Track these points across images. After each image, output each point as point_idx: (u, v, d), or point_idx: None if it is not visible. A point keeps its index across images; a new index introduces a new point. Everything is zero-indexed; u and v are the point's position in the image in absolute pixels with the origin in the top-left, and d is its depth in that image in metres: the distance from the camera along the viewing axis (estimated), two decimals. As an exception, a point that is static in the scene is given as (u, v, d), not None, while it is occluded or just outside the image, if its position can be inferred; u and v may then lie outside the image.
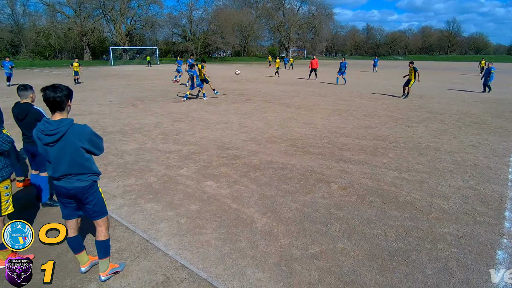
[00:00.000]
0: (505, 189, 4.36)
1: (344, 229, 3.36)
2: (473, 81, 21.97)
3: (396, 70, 33.76)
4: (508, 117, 9.49)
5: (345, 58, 24.06)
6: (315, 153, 5.84)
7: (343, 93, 14.90)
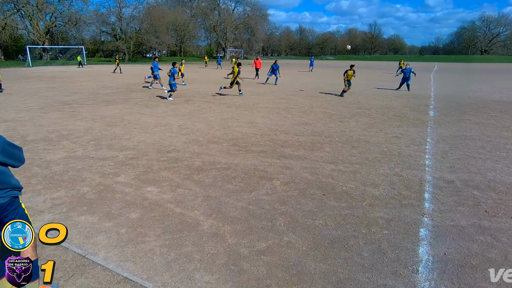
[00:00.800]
0: (423, 173, 4.93)
1: (288, 223, 3.49)
2: (394, 79, 24.41)
3: (328, 70, 35.99)
4: (423, 110, 10.74)
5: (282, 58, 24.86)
6: (257, 151, 5.95)
7: (280, 92, 15.41)
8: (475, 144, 6.60)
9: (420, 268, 2.77)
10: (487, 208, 3.84)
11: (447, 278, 2.65)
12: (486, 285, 2.57)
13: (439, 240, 3.18)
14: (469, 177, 4.78)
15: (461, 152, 6.00)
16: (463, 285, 2.57)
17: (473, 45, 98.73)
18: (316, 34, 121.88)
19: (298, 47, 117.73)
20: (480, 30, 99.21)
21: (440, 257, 2.92)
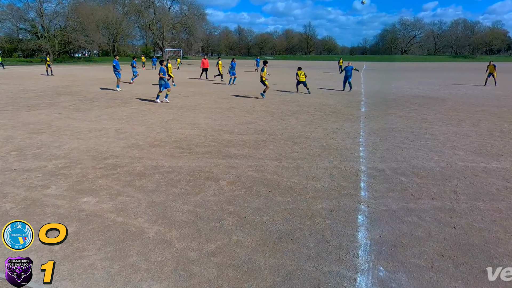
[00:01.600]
0: (359, 164, 5.33)
1: (236, 222, 3.50)
2: (329, 77, 25.94)
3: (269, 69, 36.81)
4: (355, 106, 11.59)
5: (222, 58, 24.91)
6: (201, 153, 5.87)
7: (223, 92, 15.37)
8: (400, 135, 7.31)
9: (360, 252, 2.99)
10: (413, 192, 4.28)
11: (383, 258, 2.90)
12: (416, 261, 2.86)
13: (375, 225, 3.47)
14: (397, 165, 5.29)
15: (389, 143, 6.61)
16: (396, 262, 2.84)
17: (395, 46, 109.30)
18: (254, 34, 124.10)
19: (238, 47, 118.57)
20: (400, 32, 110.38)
21: (376, 240, 3.18)
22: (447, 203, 3.97)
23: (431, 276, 2.67)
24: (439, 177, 4.80)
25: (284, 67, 44.04)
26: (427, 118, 9.36)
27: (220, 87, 17.54)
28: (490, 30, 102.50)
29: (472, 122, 8.81)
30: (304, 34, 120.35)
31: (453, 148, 6.27)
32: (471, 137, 7.14)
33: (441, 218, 3.61)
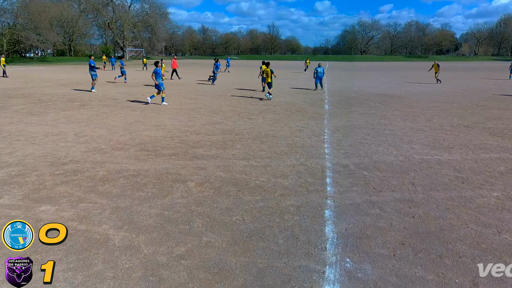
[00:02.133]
0: (324, 161, 5.48)
1: (206, 223, 3.47)
2: (294, 76, 26.42)
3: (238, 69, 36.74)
4: (320, 104, 11.92)
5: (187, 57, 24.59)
6: (168, 154, 5.73)
7: (188, 92, 15.12)
8: (362, 131, 7.63)
9: (327, 246, 3.08)
10: (375, 185, 4.49)
11: (349, 250, 3.01)
12: (379, 251, 3.01)
13: (341, 218, 3.59)
14: (359, 161, 5.51)
15: (352, 140, 6.87)
16: (361, 253, 2.96)
17: (355, 46, 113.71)
18: (219, 34, 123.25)
19: (202, 47, 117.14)
20: (359, 33, 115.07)
21: (342, 233, 3.30)
22: (406, 194, 4.21)
23: (394, 264, 2.82)
24: (398, 170, 5.08)
25: (249, 66, 44.21)
26: (386, 114, 9.85)
27: (184, 87, 17.22)
28: (440, 31, 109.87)
29: (426, 117, 9.40)
30: (268, 34, 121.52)
31: (410, 143, 6.65)
32: (426, 132, 7.61)
33: (401, 208, 3.82)
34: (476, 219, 3.58)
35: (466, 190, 4.33)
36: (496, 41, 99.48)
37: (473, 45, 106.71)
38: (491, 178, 4.76)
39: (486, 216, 3.64)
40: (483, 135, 7.35)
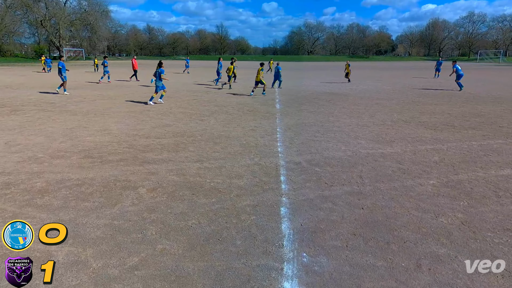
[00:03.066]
0: (278, 159, 5.59)
1: (160, 230, 3.34)
2: (246, 77, 26.57)
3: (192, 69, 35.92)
4: (271, 104, 12.14)
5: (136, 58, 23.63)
6: (115, 161, 5.42)
7: (136, 94, 14.46)
8: (312, 129, 7.93)
9: (284, 242, 3.14)
10: (326, 180, 4.69)
11: (305, 245, 3.11)
12: (333, 243, 3.14)
13: (296, 214, 3.69)
14: (311, 157, 5.71)
15: (303, 137, 7.11)
16: (317, 247, 3.07)
17: (302, 46, 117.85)
18: (166, 34, 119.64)
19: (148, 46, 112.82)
20: (305, 34, 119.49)
21: (298, 229, 3.39)
22: (355, 187, 4.46)
23: (347, 254, 2.97)
24: (347, 164, 5.36)
25: (198, 67, 43.59)
26: (333, 112, 10.34)
27: (132, 89, 16.43)
28: (378, 34, 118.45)
29: (370, 114, 10.05)
30: (217, 35, 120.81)
31: (356, 138, 7.06)
32: (370, 127, 8.14)
33: (351, 201, 4.04)
34: (416, 206, 3.91)
35: (407, 180, 4.71)
36: (426, 42, 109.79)
37: (407, 46, 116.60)
38: (428, 167, 5.23)
39: (425, 202, 4.00)
40: (419, 128, 8.05)
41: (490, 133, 7.53)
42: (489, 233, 3.30)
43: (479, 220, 3.57)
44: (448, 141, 6.86)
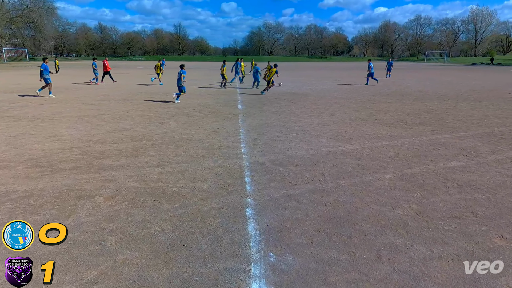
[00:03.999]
0: (241, 161, 5.61)
1: (120, 239, 3.21)
2: (207, 77, 26.31)
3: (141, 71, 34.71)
4: (233, 105, 12.14)
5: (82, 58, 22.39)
6: (68, 169, 5.11)
7: (88, 97, 13.73)
8: (274, 129, 8.05)
9: (251, 244, 3.17)
10: (290, 179, 4.79)
11: (272, 245, 3.15)
12: (299, 241, 3.22)
13: (262, 215, 3.73)
14: (275, 157, 5.80)
15: (267, 138, 7.20)
16: (283, 246, 3.13)
17: (262, 47, 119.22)
18: (120, 33, 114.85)
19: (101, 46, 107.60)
20: (265, 35, 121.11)
21: (264, 229, 3.43)
22: (318, 185, 4.60)
23: (312, 250, 3.06)
24: (309, 163, 5.52)
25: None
26: (295, 112, 10.59)
27: (83, 91, 15.57)
28: (335, 35, 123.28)
29: (329, 113, 10.43)
30: (175, 34, 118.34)
31: (318, 137, 7.29)
32: (330, 126, 8.45)
33: (315, 198, 4.16)
34: (375, 200, 4.13)
35: (366, 175, 4.96)
36: (379, 43, 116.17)
37: (362, 47, 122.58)
38: (384, 162, 5.55)
39: (383, 196, 4.24)
40: (375, 126, 8.51)
41: (438, 128, 8.16)
42: (440, 222, 3.57)
43: (431, 210, 3.86)
44: (401, 137, 7.33)
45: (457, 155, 5.97)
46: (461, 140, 6.99)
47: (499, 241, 3.20)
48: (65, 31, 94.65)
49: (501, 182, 4.70)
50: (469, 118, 9.48)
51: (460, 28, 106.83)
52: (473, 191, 4.39)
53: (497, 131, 7.83)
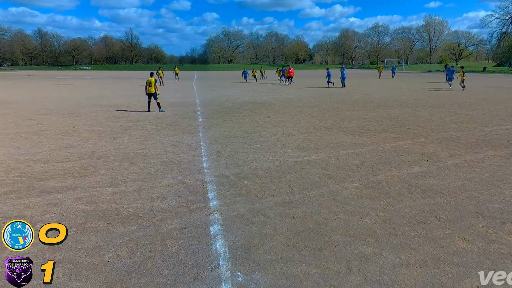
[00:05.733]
0: (203, 176, 5.55)
1: (69, 270, 3.00)
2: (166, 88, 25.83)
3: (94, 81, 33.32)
4: (192, 116, 12.02)
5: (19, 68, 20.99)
6: (3, 193, 4.73)
7: (26, 112, 12.88)
8: (238, 140, 8.08)
9: (217, 264, 3.11)
10: (256, 192, 4.81)
11: (239, 263, 3.13)
12: (268, 257, 3.22)
13: (228, 231, 3.69)
14: (239, 170, 5.81)
15: (230, 150, 7.19)
16: (251, 264, 3.12)
17: (222, 55, 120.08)
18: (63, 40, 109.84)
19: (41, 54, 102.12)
20: (225, 42, 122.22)
21: (231, 247, 3.40)
22: (285, 197, 4.66)
23: (282, 266, 3.07)
24: (275, 174, 5.58)
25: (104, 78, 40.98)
26: (258, 122, 10.71)
27: (19, 106, 14.59)
28: (296, 42, 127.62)
29: (294, 122, 10.68)
30: (127, 42, 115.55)
31: (283, 147, 7.42)
32: (295, 136, 8.65)
33: (282, 211, 4.21)
34: (343, 209, 4.26)
35: (333, 185, 5.12)
36: (340, 51, 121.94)
37: (323, 55, 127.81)
38: (350, 171, 5.77)
39: (350, 205, 4.39)
40: (339, 134, 8.84)
41: (400, 135, 8.67)
42: (406, 228, 3.77)
43: (397, 216, 4.06)
44: (366, 144, 7.68)
45: (419, 160, 6.37)
46: (422, 146, 7.48)
47: (462, 244, 3.43)
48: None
49: (460, 185, 5.08)
50: (428, 124, 10.19)
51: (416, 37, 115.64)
52: (436, 195, 4.69)
53: (454, 136, 8.49)
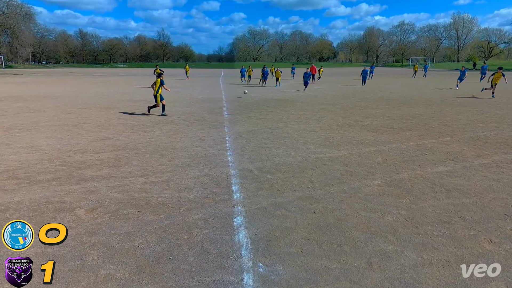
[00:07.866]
0: (228, 169, 5.58)
1: (103, 253, 3.12)
2: (191, 84, 26.24)
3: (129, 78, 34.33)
4: (218, 112, 12.12)
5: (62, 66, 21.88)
6: (46, 180, 4.96)
7: (67, 106, 13.46)
8: (262, 136, 8.06)
9: (239, 254, 3.13)
10: (278, 187, 4.79)
11: (261, 255, 3.13)
12: (288, 250, 3.20)
13: (250, 223, 3.70)
14: (262, 165, 5.80)
15: (254, 145, 7.20)
16: (272, 255, 3.11)
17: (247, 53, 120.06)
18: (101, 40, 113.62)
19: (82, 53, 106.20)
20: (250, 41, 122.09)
21: (253, 239, 3.40)
22: (306, 192, 4.61)
23: (302, 260, 3.05)
24: (297, 170, 5.53)
25: (137, 75, 42.07)
26: (282, 118, 10.64)
27: (63, 100, 15.26)
28: (320, 41, 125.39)
29: (316, 119, 10.53)
30: (159, 41, 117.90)
31: (305, 143, 7.33)
32: (317, 132, 8.52)
33: (304, 206, 4.17)
34: (364, 206, 4.16)
35: (355, 182, 5.00)
36: (364, 49, 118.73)
37: (347, 53, 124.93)
38: (372, 168, 5.62)
39: (372, 202, 4.28)
40: (362, 131, 8.63)
41: (425, 134, 8.35)
42: (429, 227, 3.63)
43: (420, 215, 3.92)
44: (389, 142, 7.45)
45: (444, 160, 6.11)
46: (447, 145, 7.16)
47: (488, 246, 3.26)
48: (44, 38, 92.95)
49: (487, 186, 4.83)
50: (455, 123, 9.74)
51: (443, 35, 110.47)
52: (461, 195, 4.49)
53: (482, 136, 8.07)
